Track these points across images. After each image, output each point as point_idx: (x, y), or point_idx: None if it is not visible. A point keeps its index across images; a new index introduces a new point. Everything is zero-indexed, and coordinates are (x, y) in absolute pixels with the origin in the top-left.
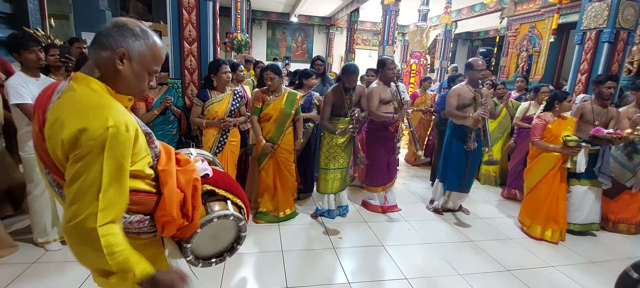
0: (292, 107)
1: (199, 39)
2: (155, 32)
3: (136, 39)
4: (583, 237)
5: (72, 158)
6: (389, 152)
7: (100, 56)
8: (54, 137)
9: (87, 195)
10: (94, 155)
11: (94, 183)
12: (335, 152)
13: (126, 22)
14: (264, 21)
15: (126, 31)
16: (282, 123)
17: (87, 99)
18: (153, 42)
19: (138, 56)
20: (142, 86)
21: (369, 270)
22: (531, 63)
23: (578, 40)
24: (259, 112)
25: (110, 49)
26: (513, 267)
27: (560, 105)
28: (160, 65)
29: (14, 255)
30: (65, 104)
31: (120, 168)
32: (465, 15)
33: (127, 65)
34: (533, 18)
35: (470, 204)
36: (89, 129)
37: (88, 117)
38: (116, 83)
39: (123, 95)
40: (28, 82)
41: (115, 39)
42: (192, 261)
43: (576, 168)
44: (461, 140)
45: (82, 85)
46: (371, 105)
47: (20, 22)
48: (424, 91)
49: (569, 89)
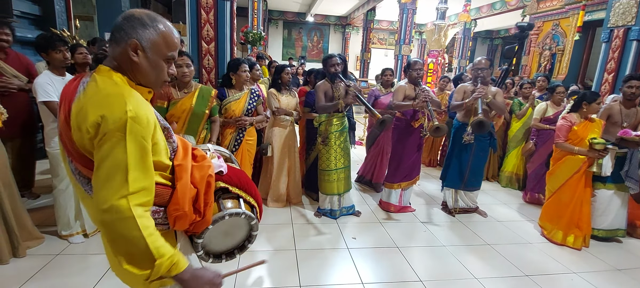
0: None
1: (216, 39)
2: (166, 20)
3: (145, 27)
4: (608, 243)
5: (97, 145)
6: (412, 149)
7: (116, 50)
8: (79, 126)
9: (115, 179)
10: (116, 139)
11: (119, 166)
12: (335, 153)
13: (133, 13)
14: (280, 21)
15: (135, 21)
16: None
17: (108, 89)
18: (163, 28)
19: (150, 44)
20: (161, 75)
21: (382, 271)
22: (554, 62)
23: (605, 38)
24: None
25: (123, 41)
26: (532, 272)
27: (589, 107)
28: (175, 50)
29: (40, 248)
30: (88, 94)
31: (143, 150)
32: (485, 13)
33: (142, 55)
34: (557, 15)
35: (489, 207)
36: (109, 115)
37: (108, 105)
38: (135, 74)
39: (143, 88)
40: (55, 81)
41: (125, 32)
42: (203, 256)
43: (602, 172)
44: (461, 138)
45: (104, 77)
46: (395, 98)
47: (48, 24)
48: (441, 91)
49: (595, 88)
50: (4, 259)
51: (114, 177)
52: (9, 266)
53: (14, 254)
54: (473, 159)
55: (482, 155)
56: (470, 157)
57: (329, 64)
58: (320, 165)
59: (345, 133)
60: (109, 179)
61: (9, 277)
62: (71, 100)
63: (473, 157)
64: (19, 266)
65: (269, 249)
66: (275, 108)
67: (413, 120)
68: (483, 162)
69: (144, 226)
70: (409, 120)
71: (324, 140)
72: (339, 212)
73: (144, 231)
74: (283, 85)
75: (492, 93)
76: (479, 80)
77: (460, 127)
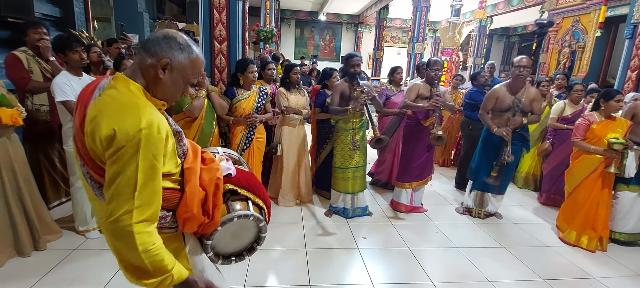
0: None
1: (228, 38)
2: (190, 38)
3: (181, 51)
4: (630, 248)
5: (109, 159)
6: (422, 149)
7: (144, 61)
8: (92, 134)
9: (123, 194)
10: (128, 156)
11: (129, 182)
12: (350, 151)
13: (176, 36)
14: (292, 20)
15: (173, 43)
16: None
17: (123, 99)
18: (196, 56)
19: (179, 67)
20: (177, 94)
21: (393, 272)
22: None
23: (628, 35)
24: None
25: (156, 56)
26: (549, 276)
27: (607, 105)
28: (197, 77)
29: (59, 242)
30: (104, 101)
31: (154, 169)
32: (502, 10)
33: (168, 74)
34: (577, 11)
35: (504, 209)
36: (123, 129)
37: (122, 117)
38: (154, 88)
39: (158, 100)
40: (71, 80)
41: (162, 48)
42: (212, 258)
43: (625, 173)
44: (493, 140)
45: (121, 85)
46: (407, 97)
47: (67, 25)
48: (454, 89)
49: (617, 87)
50: (26, 252)
51: (123, 192)
52: (31, 259)
53: (35, 247)
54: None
55: (515, 157)
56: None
57: (350, 64)
58: (335, 163)
59: (362, 130)
60: (118, 194)
61: (31, 269)
62: (87, 105)
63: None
64: (39, 259)
65: (279, 248)
66: (284, 107)
67: (424, 119)
68: (515, 164)
69: (142, 242)
70: (419, 119)
71: (355, 145)
72: (351, 211)
73: (140, 247)
74: (291, 84)
75: (531, 98)
76: (519, 79)
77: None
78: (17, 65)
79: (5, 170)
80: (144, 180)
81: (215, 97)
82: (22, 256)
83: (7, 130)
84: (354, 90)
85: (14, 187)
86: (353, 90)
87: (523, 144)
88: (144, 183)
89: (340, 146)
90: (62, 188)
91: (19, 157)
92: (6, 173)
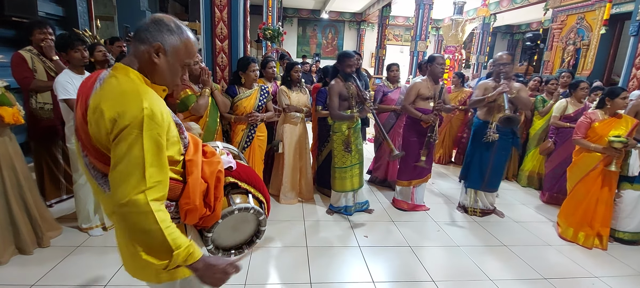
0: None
1: (230, 36)
2: (190, 30)
3: (171, 34)
4: (634, 247)
5: (114, 141)
6: (421, 148)
7: (138, 49)
8: (95, 122)
9: (133, 175)
10: (133, 136)
11: (137, 163)
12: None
13: (163, 18)
14: (294, 18)
15: (162, 26)
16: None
17: (124, 87)
18: (187, 37)
19: (172, 50)
20: (175, 79)
21: (394, 270)
22: (578, 57)
23: (634, 32)
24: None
25: (148, 42)
26: (551, 275)
27: (612, 103)
28: (193, 59)
29: (62, 239)
30: (105, 90)
31: (159, 147)
32: (505, 8)
33: (163, 58)
34: (581, 8)
35: (507, 207)
36: (126, 111)
37: (125, 102)
38: (152, 74)
39: (158, 86)
40: (74, 79)
41: (152, 34)
42: (212, 250)
43: (629, 172)
44: (482, 137)
45: (121, 74)
46: (405, 99)
47: (71, 24)
48: (456, 87)
49: (622, 84)
50: (28, 250)
51: (132, 173)
52: (33, 257)
53: (39, 244)
54: (494, 158)
55: (503, 153)
56: (491, 156)
57: (345, 63)
58: (335, 163)
59: (357, 131)
60: (127, 176)
61: (34, 266)
62: (88, 96)
63: (495, 155)
64: (42, 256)
65: (280, 245)
66: (286, 105)
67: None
68: (504, 161)
69: (161, 219)
70: (417, 119)
71: (347, 148)
72: (353, 208)
73: (161, 224)
74: (293, 82)
75: (516, 88)
76: (501, 75)
77: (482, 126)
78: (21, 64)
79: (5, 168)
80: (150, 159)
81: (218, 95)
82: (25, 254)
83: (5, 129)
84: (349, 90)
85: (15, 184)
86: (349, 90)
87: (513, 140)
88: (151, 163)
89: (338, 145)
90: (63, 186)
91: (19, 155)
92: (7, 171)
